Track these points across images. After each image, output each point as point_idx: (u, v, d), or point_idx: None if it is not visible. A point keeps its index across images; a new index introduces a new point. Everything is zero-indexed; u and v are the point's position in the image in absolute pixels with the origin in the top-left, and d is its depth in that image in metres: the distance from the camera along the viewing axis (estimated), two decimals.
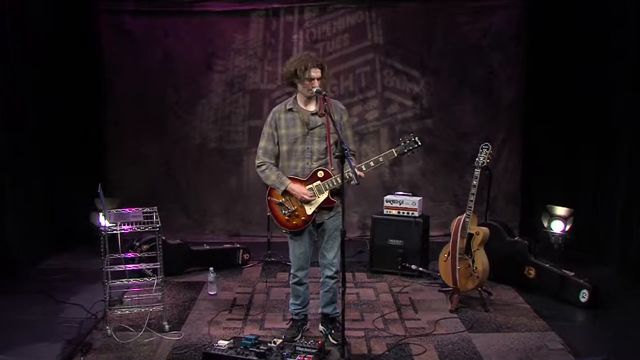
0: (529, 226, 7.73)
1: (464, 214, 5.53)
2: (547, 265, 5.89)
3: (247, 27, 8.00)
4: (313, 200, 4.63)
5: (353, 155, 4.66)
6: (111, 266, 5.07)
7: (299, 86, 4.58)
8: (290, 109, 4.64)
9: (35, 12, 7.03)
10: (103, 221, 5.28)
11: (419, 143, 4.60)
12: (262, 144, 4.72)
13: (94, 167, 7.71)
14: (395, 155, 4.59)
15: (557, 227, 7.17)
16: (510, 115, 8.00)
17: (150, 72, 7.93)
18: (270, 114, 4.71)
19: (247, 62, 8.06)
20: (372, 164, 4.59)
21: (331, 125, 4.51)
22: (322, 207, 4.67)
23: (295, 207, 4.65)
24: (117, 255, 5.16)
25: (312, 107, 4.64)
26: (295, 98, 4.67)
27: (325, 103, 4.41)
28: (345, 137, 4.65)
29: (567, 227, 7.14)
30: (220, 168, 8.19)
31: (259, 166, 4.71)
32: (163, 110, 8.05)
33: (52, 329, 5.14)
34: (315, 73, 4.51)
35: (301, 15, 7.99)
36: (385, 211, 6.62)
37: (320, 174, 4.63)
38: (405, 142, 4.60)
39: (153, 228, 5.06)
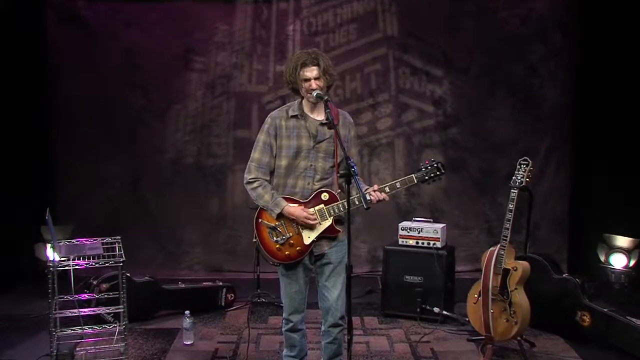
0: (581, 260, 7.67)
1: (498, 245, 5.51)
2: (606, 310, 5.77)
3: (232, 17, 8.04)
4: (315, 226, 4.60)
5: None
6: (61, 311, 5.00)
7: (301, 91, 4.57)
8: (295, 116, 4.62)
9: None
10: (52, 254, 5.23)
11: (442, 170, 4.62)
12: (255, 155, 4.66)
13: (41, 188, 7.68)
14: (415, 182, 4.62)
15: (619, 261, 7.09)
16: (555, 123, 8.00)
17: (111, 71, 7.94)
18: (269, 120, 4.67)
19: (232, 59, 8.09)
20: (387, 189, 4.55)
21: (340, 141, 4.47)
22: (322, 236, 4.63)
23: (291, 234, 4.61)
24: (68, 297, 5.09)
25: (320, 116, 4.62)
26: (301, 103, 4.66)
27: (328, 110, 4.38)
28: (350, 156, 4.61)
29: (632, 262, 7.06)
30: (199, 188, 8.19)
31: (250, 182, 4.64)
32: (128, 118, 8.06)
33: None
34: (310, 72, 4.49)
35: (297, 2, 8.04)
36: (400, 241, 6.59)
37: (325, 196, 4.60)
38: (427, 168, 4.62)
39: (115, 262, 5.01)
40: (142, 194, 8.14)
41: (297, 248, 4.61)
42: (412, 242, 6.54)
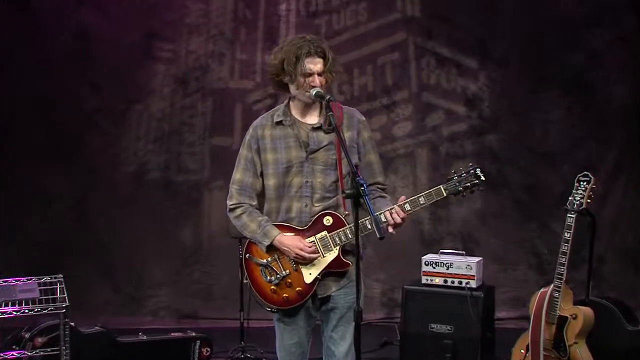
0: None
1: (551, 286, 5.48)
2: None
3: None
4: (316, 260, 4.56)
5: (383, 189, 4.71)
6: None
7: (292, 88, 4.53)
8: (280, 122, 4.60)
9: None
10: None
11: (482, 177, 4.54)
12: (236, 175, 4.70)
13: None
14: (445, 194, 4.52)
15: None
16: (624, 128, 7.94)
17: (55, 61, 7.94)
18: (250, 130, 4.68)
19: (209, 47, 8.13)
20: (407, 207, 4.49)
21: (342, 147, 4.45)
22: (328, 273, 4.59)
23: (288, 272, 4.59)
24: None
25: (313, 119, 4.62)
26: (288, 105, 4.65)
27: (330, 112, 4.35)
28: (369, 165, 4.68)
29: None
30: (167, 212, 8.21)
31: (232, 209, 4.69)
32: (75, 121, 8.06)
33: None
34: (314, 65, 4.45)
35: None
36: (424, 279, 6.54)
37: (328, 220, 4.57)
38: (460, 176, 4.55)
39: (56, 309, 5.04)
40: (93, 218, 8.13)
41: (297, 289, 4.59)
42: (439, 280, 6.48)
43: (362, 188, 4.03)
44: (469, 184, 4.51)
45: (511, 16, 7.90)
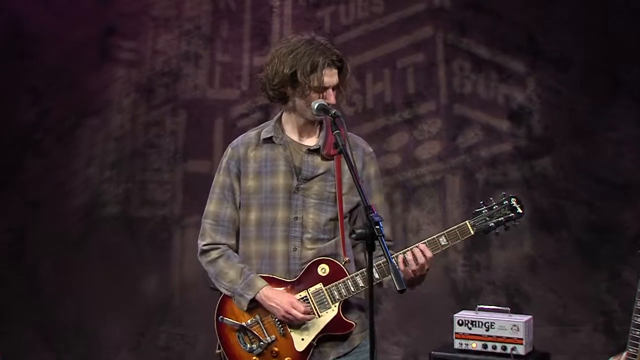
0: None
1: (624, 353, 5.38)
2: None
3: None
4: (309, 321, 4.59)
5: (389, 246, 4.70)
6: None
7: (298, 102, 4.62)
8: (269, 139, 4.71)
9: None
10: None
11: (519, 209, 4.62)
12: (210, 207, 4.80)
13: None
14: (472, 232, 4.61)
15: None
16: None
17: None
18: (228, 150, 4.82)
19: (182, 46, 8.18)
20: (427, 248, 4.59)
21: (345, 178, 4.61)
22: (326, 337, 4.63)
23: (274, 338, 4.64)
24: None
25: (310, 140, 4.75)
26: (280, 120, 4.77)
27: (337, 131, 4.40)
28: None
29: None
30: (127, 256, 8.22)
31: (205, 251, 4.77)
32: (8, 140, 8.14)
33: None
34: (331, 77, 4.57)
35: None
36: (457, 343, 6.49)
37: (323, 269, 4.63)
38: (491, 208, 4.65)
39: None
40: (31, 264, 8.18)
41: (286, 359, 4.59)
42: (476, 345, 6.44)
43: (379, 227, 3.94)
44: (502, 219, 4.60)
45: (572, 3, 7.79)
